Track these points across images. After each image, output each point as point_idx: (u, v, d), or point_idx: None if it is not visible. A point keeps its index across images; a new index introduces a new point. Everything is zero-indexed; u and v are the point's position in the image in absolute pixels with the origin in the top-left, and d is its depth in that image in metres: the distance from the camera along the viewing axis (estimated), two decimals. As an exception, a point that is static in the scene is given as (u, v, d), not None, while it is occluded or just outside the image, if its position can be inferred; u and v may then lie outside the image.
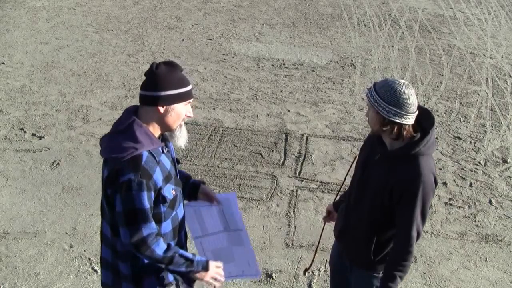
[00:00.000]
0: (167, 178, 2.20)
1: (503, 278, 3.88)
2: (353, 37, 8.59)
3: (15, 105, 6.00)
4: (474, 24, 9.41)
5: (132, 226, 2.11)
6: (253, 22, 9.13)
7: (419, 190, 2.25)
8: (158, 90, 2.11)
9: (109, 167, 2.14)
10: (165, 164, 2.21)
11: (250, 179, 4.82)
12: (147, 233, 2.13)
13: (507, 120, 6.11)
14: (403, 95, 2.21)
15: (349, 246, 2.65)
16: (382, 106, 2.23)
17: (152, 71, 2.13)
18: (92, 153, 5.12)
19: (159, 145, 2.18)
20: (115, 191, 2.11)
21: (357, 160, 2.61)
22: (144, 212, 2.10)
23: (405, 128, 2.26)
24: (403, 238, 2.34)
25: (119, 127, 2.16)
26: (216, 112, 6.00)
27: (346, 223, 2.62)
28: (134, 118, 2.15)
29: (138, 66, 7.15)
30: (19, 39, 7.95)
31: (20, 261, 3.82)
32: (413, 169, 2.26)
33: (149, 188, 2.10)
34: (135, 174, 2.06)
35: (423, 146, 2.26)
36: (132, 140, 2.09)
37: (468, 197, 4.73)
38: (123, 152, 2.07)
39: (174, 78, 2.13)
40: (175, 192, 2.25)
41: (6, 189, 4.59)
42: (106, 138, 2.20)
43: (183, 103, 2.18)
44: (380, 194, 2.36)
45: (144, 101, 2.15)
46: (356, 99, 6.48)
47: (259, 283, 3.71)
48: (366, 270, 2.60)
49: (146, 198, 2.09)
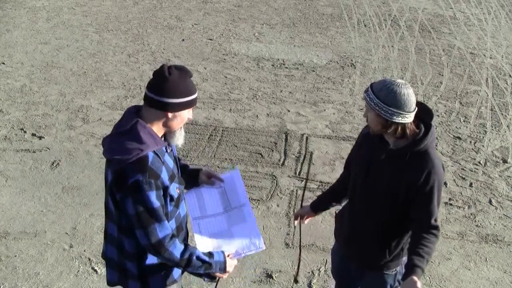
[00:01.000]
0: (172, 177, 2.21)
1: (503, 278, 3.88)
2: (353, 37, 8.59)
3: (15, 105, 6.00)
4: (474, 24, 9.41)
5: (147, 227, 2.12)
6: (253, 22, 9.13)
7: (436, 182, 2.32)
8: (169, 97, 2.10)
9: (113, 169, 2.14)
10: (169, 164, 2.23)
11: (250, 179, 4.82)
12: (162, 235, 2.15)
13: (507, 120, 6.11)
14: (403, 97, 2.22)
15: (361, 250, 2.61)
16: (384, 109, 2.23)
17: (164, 75, 2.11)
18: (92, 153, 5.12)
19: (163, 145, 2.19)
20: (125, 195, 2.10)
21: (355, 162, 2.57)
22: (157, 211, 2.12)
23: (408, 126, 2.29)
24: (427, 227, 2.36)
25: (121, 128, 2.15)
26: (216, 112, 6.00)
27: (354, 228, 2.59)
28: (138, 119, 2.14)
29: (138, 66, 7.15)
30: (19, 39, 7.96)
31: (20, 261, 3.82)
32: (426, 163, 2.31)
33: (158, 187, 2.11)
34: (143, 175, 2.06)
35: (429, 139, 2.31)
36: (137, 141, 2.08)
37: (468, 197, 4.73)
38: (128, 153, 2.07)
39: (185, 86, 2.13)
40: (179, 190, 2.28)
41: (6, 189, 4.59)
42: (108, 139, 2.19)
43: (189, 109, 2.20)
44: (393, 193, 2.37)
45: (151, 103, 2.14)
46: (356, 99, 6.48)
47: (259, 283, 3.71)
48: (380, 271, 2.60)
49: (156, 197, 2.11)
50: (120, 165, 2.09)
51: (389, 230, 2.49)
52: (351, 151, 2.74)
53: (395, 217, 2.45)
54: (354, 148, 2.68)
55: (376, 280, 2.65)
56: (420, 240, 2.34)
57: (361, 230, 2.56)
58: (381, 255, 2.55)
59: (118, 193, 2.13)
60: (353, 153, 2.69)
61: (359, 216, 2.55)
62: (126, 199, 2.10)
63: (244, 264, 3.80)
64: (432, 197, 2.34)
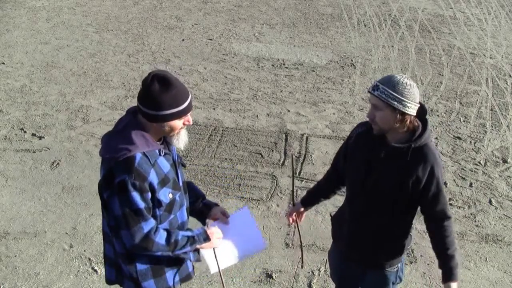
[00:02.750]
0: (163, 182, 2.19)
1: (503, 278, 3.88)
2: (353, 37, 8.59)
3: (15, 105, 6.00)
4: (474, 24, 9.40)
5: (132, 227, 2.12)
6: (253, 22, 9.13)
7: (440, 172, 2.37)
8: (152, 109, 2.10)
9: (105, 167, 2.16)
10: (162, 167, 2.20)
11: (250, 179, 4.82)
12: (147, 229, 2.14)
13: (507, 120, 6.11)
14: (413, 88, 2.28)
15: (363, 250, 2.61)
16: (403, 102, 2.25)
17: (146, 87, 2.09)
18: (92, 153, 5.12)
19: (155, 148, 2.17)
20: (111, 193, 2.11)
21: (352, 162, 2.54)
22: (142, 211, 2.11)
23: (412, 120, 2.33)
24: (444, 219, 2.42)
25: (117, 127, 2.18)
26: (216, 112, 6.00)
27: (355, 228, 2.58)
28: (130, 118, 2.16)
29: (138, 66, 7.15)
30: (19, 39, 7.96)
31: (20, 261, 3.82)
32: (428, 156, 2.35)
33: (144, 189, 2.10)
34: (129, 175, 2.06)
35: (428, 132, 2.36)
36: (127, 141, 2.09)
37: (468, 197, 4.72)
38: (117, 152, 2.08)
39: (168, 98, 2.09)
40: (172, 195, 2.24)
41: (6, 189, 4.59)
42: (106, 137, 2.20)
43: (179, 119, 2.16)
44: (397, 191, 2.38)
45: (140, 112, 2.15)
46: (356, 99, 6.48)
47: (259, 283, 3.71)
48: (382, 269, 2.61)
49: (141, 198, 2.10)
50: (110, 164, 2.11)
51: (392, 228, 2.50)
52: (339, 150, 2.71)
53: (397, 215, 2.45)
54: (342, 147, 2.65)
55: (378, 278, 2.65)
56: (444, 239, 2.41)
57: (363, 230, 2.55)
58: (383, 253, 2.56)
59: (105, 192, 2.14)
60: (341, 152, 2.66)
61: (360, 216, 2.54)
62: (113, 197, 2.10)
63: (244, 264, 3.80)
64: (441, 188, 2.39)
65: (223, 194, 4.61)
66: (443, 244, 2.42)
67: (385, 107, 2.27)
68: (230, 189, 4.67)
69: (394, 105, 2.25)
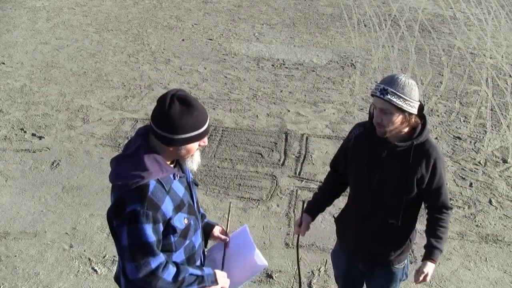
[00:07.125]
0: (178, 207, 2.06)
1: (503, 278, 3.88)
2: (353, 37, 8.59)
3: (15, 105, 6.00)
4: (474, 24, 9.40)
5: (139, 261, 1.99)
6: (253, 22, 9.13)
7: (442, 166, 2.44)
8: (170, 133, 1.95)
9: (115, 194, 2.02)
10: (177, 192, 2.07)
11: (250, 179, 4.82)
12: (155, 265, 2.01)
13: (507, 120, 6.11)
14: (415, 86, 2.30)
15: (371, 250, 2.61)
16: (412, 104, 2.28)
17: (164, 109, 1.93)
18: (92, 153, 5.12)
19: (170, 172, 2.03)
20: (121, 223, 1.97)
21: (354, 164, 2.53)
22: (151, 246, 1.98)
23: (416, 116, 2.35)
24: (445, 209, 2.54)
25: (127, 151, 2.02)
26: (216, 112, 6.00)
27: (363, 229, 2.57)
28: (142, 141, 2.00)
29: (138, 66, 7.15)
30: (19, 39, 7.96)
31: (20, 261, 3.82)
32: (430, 151, 2.39)
33: (156, 220, 1.96)
34: (141, 205, 1.92)
35: (428, 128, 2.41)
36: (140, 168, 1.94)
37: (468, 197, 4.72)
38: (130, 179, 1.93)
39: (189, 121, 1.95)
40: (187, 221, 2.10)
41: (6, 189, 4.59)
42: (115, 161, 2.05)
43: (196, 142, 2.03)
44: (404, 186, 2.40)
45: (154, 134, 1.99)
46: (356, 99, 6.48)
47: (259, 283, 3.71)
48: (390, 266, 2.63)
49: (152, 231, 1.97)
50: (121, 192, 1.97)
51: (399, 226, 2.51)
52: (338, 153, 2.70)
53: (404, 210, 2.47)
54: (342, 149, 2.64)
55: (386, 276, 2.67)
56: (437, 222, 2.52)
57: (370, 228, 2.55)
58: (391, 251, 2.58)
59: (115, 220, 2.00)
60: (341, 154, 2.64)
61: (367, 216, 2.53)
62: (122, 227, 1.97)
63: (244, 264, 3.80)
64: (443, 181, 2.46)
65: (223, 194, 4.61)
66: (436, 229, 2.51)
67: (395, 111, 2.26)
68: (230, 189, 4.67)
69: (404, 108, 2.25)
